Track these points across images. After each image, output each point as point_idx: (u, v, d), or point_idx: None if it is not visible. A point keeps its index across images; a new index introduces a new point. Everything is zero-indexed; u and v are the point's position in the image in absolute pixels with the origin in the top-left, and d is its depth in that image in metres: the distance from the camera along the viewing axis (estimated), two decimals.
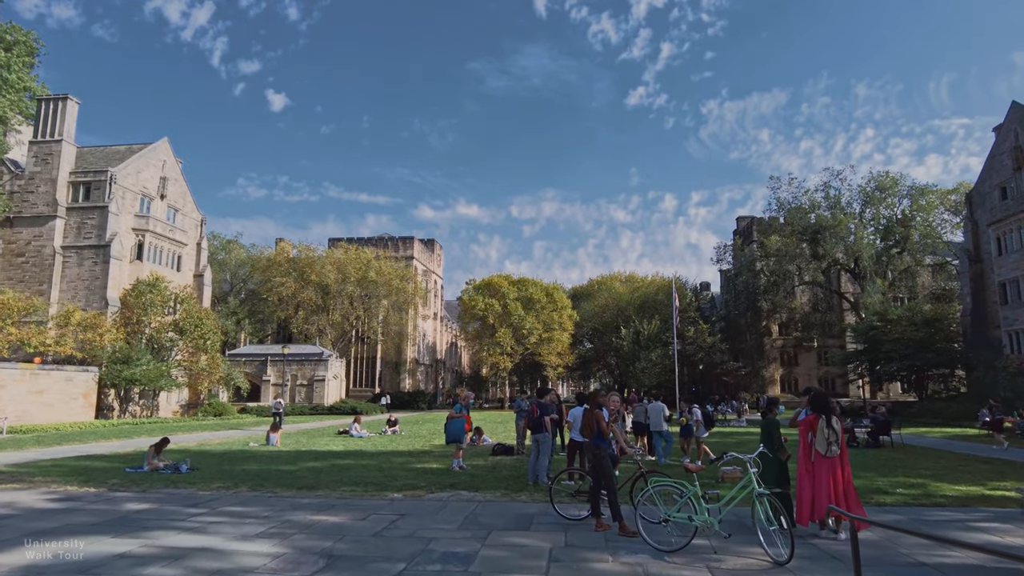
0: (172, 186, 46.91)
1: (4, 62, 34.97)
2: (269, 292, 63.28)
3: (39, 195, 40.24)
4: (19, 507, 10.02)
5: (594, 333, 74.02)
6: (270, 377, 54.69)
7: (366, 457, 18.07)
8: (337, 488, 12.17)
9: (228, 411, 45.07)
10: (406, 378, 74.02)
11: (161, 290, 39.37)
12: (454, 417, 15.10)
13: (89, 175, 40.74)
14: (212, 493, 11.54)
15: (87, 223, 40.03)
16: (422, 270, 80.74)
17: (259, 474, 14.12)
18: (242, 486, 12.35)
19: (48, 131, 40.77)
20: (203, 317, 41.09)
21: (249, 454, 18.75)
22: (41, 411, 29.23)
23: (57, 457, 17.55)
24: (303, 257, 66.09)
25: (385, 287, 66.25)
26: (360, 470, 14.95)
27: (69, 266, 39.53)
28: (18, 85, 36.22)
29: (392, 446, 21.78)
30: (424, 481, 13.15)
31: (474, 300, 63.59)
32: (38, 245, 39.59)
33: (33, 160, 40.75)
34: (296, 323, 63.95)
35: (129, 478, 13.42)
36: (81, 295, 38.85)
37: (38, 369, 29.94)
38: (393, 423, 28.79)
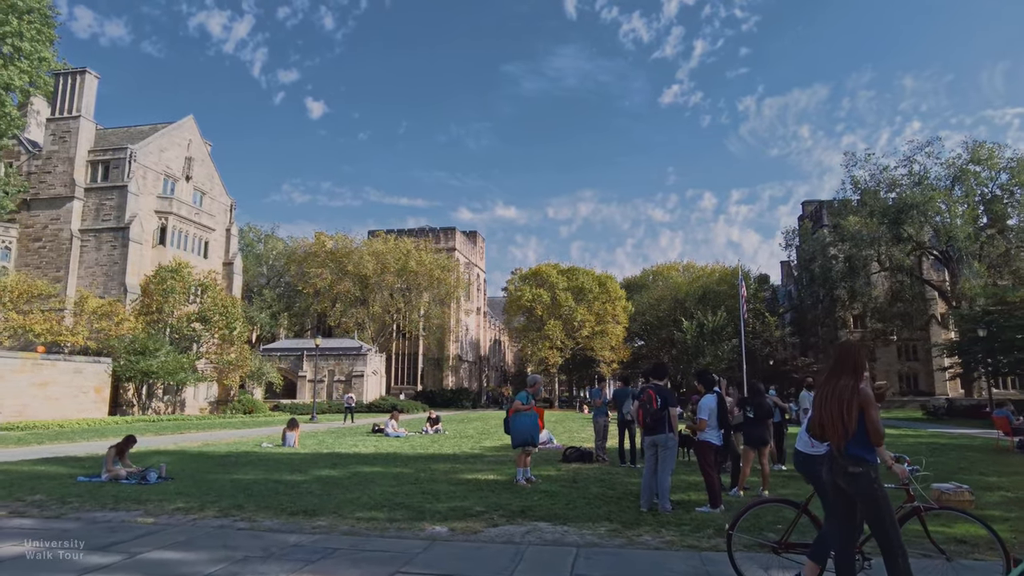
0: (199, 167, 43.96)
1: (16, 30, 32.27)
2: (305, 284, 60.28)
3: (56, 175, 37.60)
4: None
5: (648, 327, 68.93)
6: (306, 373, 51.44)
7: (400, 463, 13.90)
8: (349, 513, 8.00)
9: (259, 408, 41.80)
10: (449, 375, 70.24)
11: (184, 276, 36.25)
12: (520, 410, 10.73)
13: (108, 153, 37.97)
14: (155, 522, 7.46)
15: (105, 204, 37.20)
16: (464, 262, 76.90)
17: (248, 487, 10.04)
18: (210, 508, 8.25)
19: (66, 107, 38.17)
20: (229, 305, 37.81)
21: (254, 457, 14.79)
22: (44, 406, 26.12)
23: (16, 459, 13.90)
24: (341, 248, 62.90)
25: (426, 278, 62.57)
26: (389, 482, 10.76)
27: (87, 250, 36.75)
28: (33, 56, 33.49)
29: (434, 448, 17.62)
30: (479, 502, 8.87)
31: (521, 290, 59.32)
32: (55, 229, 36.92)
33: (51, 138, 38.18)
34: (334, 316, 60.76)
35: (66, 491, 9.50)
36: (99, 281, 35.98)
37: (41, 359, 26.87)
38: (435, 421, 24.73)
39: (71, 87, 38.12)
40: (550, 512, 8.14)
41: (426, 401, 56.20)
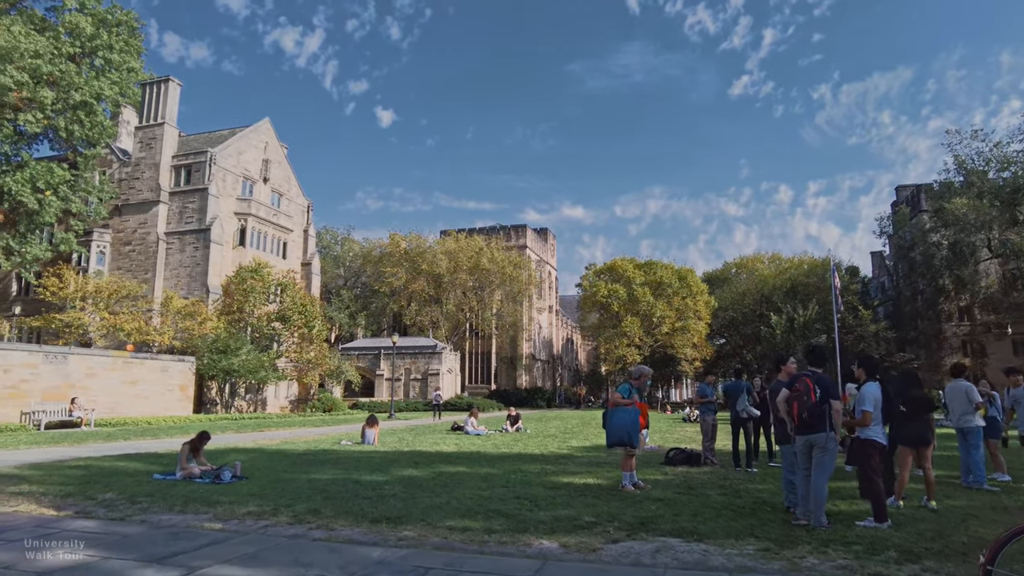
0: (276, 169, 44.67)
1: (106, 42, 33.41)
2: (381, 284, 60.73)
3: (144, 181, 38.90)
4: None
5: (730, 324, 65.64)
6: (383, 371, 51.59)
7: (486, 463, 12.79)
8: (439, 520, 6.88)
9: (338, 406, 41.99)
10: (522, 374, 69.24)
11: (264, 276, 36.68)
12: (619, 404, 9.34)
13: (190, 157, 38.98)
14: (223, 529, 6.55)
15: (188, 207, 38.17)
16: (535, 259, 75.76)
17: (326, 489, 9.13)
18: (284, 513, 7.31)
19: (151, 115, 39.48)
20: (307, 304, 38.05)
21: (333, 456, 14.03)
22: (134, 403, 26.67)
23: (99, 455, 13.66)
24: (415, 248, 63.02)
25: (498, 276, 61.82)
26: (477, 485, 9.63)
27: (172, 252, 37.82)
28: (122, 67, 34.63)
29: (518, 448, 16.44)
30: (586, 511, 7.59)
31: (596, 286, 57.55)
32: (143, 232, 38.17)
33: (138, 146, 39.57)
34: (409, 314, 60.90)
35: (138, 490, 8.84)
36: (183, 282, 36.93)
37: (131, 357, 27.48)
38: (515, 419, 23.59)
39: (156, 95, 39.38)
40: (676, 525, 6.76)
41: (500, 400, 55.38)
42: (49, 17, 33.20)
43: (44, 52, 29.03)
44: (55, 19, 32.96)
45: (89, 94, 30.91)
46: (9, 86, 27.45)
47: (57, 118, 30.60)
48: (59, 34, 31.69)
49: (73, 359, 24.80)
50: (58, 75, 29.95)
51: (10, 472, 10.74)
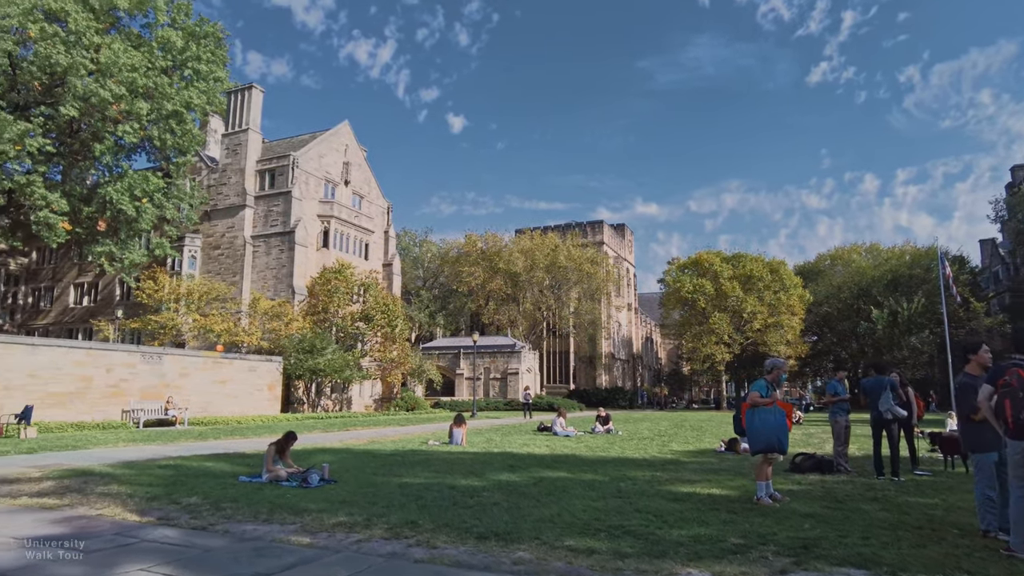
0: (356, 172, 45.16)
1: (195, 54, 34.49)
2: (459, 283, 60.71)
3: (231, 186, 40.07)
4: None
5: (825, 319, 61.65)
6: (463, 371, 51.36)
7: (586, 467, 11.70)
8: (555, 539, 5.86)
9: (421, 405, 41.92)
10: (601, 374, 67.59)
11: (347, 277, 36.97)
12: (759, 404, 8.03)
13: (273, 162, 39.84)
14: (311, 543, 5.76)
15: (273, 211, 39.01)
16: (613, 256, 73.89)
17: (420, 495, 8.28)
18: (378, 525, 6.46)
19: (237, 122, 40.61)
20: (390, 304, 38.09)
21: (422, 457, 13.29)
22: (225, 402, 27.18)
23: (189, 454, 13.47)
24: (491, 247, 62.65)
25: (575, 273, 60.54)
26: (585, 494, 8.56)
27: (258, 255, 38.73)
28: (209, 76, 35.71)
29: (614, 451, 15.24)
30: (727, 529, 6.38)
31: (680, 281, 55.22)
32: (231, 236, 39.29)
33: (225, 152, 40.81)
34: (487, 313, 60.56)
35: (223, 493, 8.28)
36: (270, 284, 37.73)
37: (220, 357, 28.02)
38: (605, 420, 22.36)
39: (241, 103, 40.52)
40: (850, 551, 5.46)
41: (580, 400, 54.11)
42: (144, 34, 34.59)
43: (140, 66, 30.15)
44: (149, 35, 34.28)
45: (180, 104, 31.93)
46: (110, 100, 28.62)
47: (151, 128, 31.77)
48: (153, 49, 32.91)
49: (168, 359, 25.45)
50: (152, 87, 31.05)
51: (103, 471, 10.53)
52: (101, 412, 22.24)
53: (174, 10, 34.44)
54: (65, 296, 42.91)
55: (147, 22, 34.83)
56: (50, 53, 26.97)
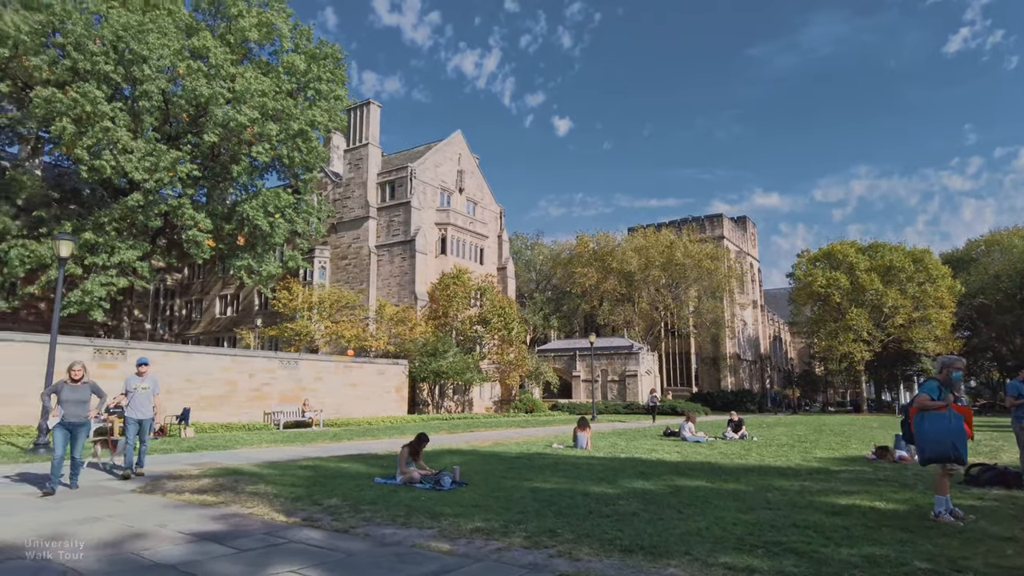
0: (469, 179, 46.07)
1: (316, 75, 36.52)
2: (572, 284, 60.30)
3: (354, 199, 42.10)
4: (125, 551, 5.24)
5: (980, 312, 55.40)
6: (579, 373, 50.91)
7: (725, 476, 10.94)
8: (708, 555, 5.36)
9: (539, 407, 41.95)
10: (727, 375, 64.56)
11: (464, 282, 37.73)
12: (929, 408, 7.03)
13: (392, 174, 41.44)
14: (451, 550, 5.61)
15: (394, 221, 40.56)
16: (734, 250, 70.52)
17: (553, 501, 8.00)
18: (516, 533, 6.23)
19: (357, 138, 42.64)
20: (506, 307, 38.45)
21: (549, 461, 13.03)
22: (356, 404, 28.44)
23: (326, 455, 14.03)
24: (603, 247, 61.75)
25: (694, 270, 58.27)
26: (730, 504, 7.91)
27: (382, 263, 40.41)
28: (330, 95, 37.69)
29: (752, 458, 14.26)
30: (906, 550, 5.61)
31: (811, 275, 51.67)
32: (357, 246, 41.26)
33: (348, 167, 42.95)
34: (602, 315, 59.68)
35: (361, 495, 8.42)
36: (394, 291, 39.23)
37: (351, 361, 29.38)
38: (737, 425, 21.10)
39: (360, 119, 42.56)
40: None
41: (703, 403, 51.90)
42: (271, 60, 37.08)
43: (269, 91, 32.29)
44: (276, 61, 36.70)
45: (305, 123, 33.86)
46: (245, 124, 30.87)
47: (281, 147, 33.90)
48: (279, 74, 35.18)
49: (303, 364, 27.00)
50: (280, 109, 33.16)
51: (252, 471, 11.11)
52: (246, 414, 23.92)
53: (297, 36, 36.64)
54: (212, 307, 46.94)
55: (274, 49, 37.31)
56: (195, 86, 29.49)
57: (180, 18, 32.47)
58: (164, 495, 8.45)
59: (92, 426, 10.87)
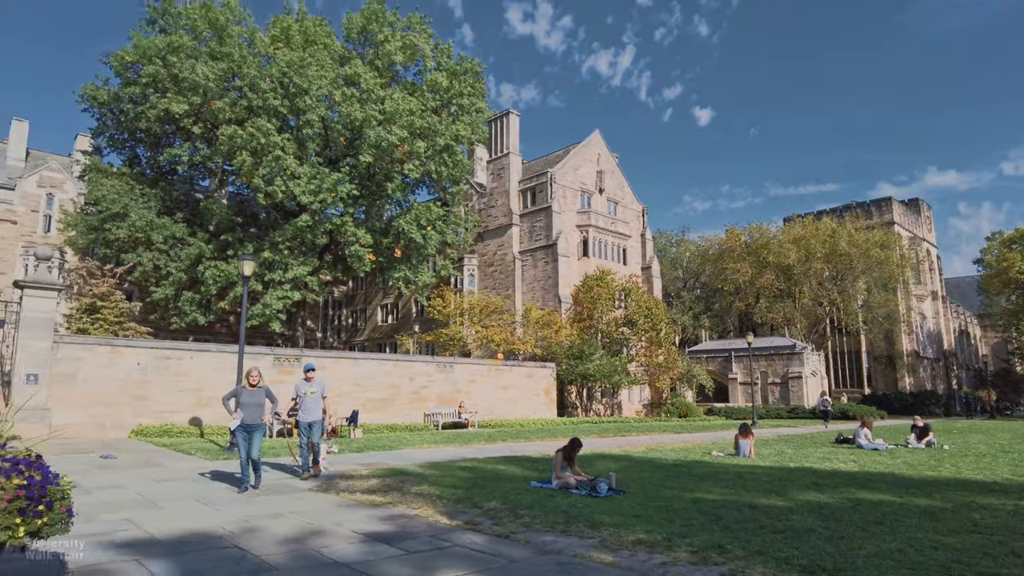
0: (609, 179, 45.59)
1: (458, 91, 37.98)
2: (723, 281, 57.48)
3: (498, 208, 43.20)
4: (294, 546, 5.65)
5: None
6: (736, 375, 48.42)
7: (914, 489, 9.77)
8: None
9: (693, 411, 40.40)
10: (904, 375, 58.22)
11: (608, 283, 37.33)
12: None
13: (533, 180, 42.01)
14: (614, 562, 5.44)
15: (536, 226, 41.09)
16: (907, 236, 63.52)
17: (719, 514, 7.55)
18: (680, 547, 5.93)
19: (498, 148, 43.76)
20: (652, 307, 37.49)
21: (709, 469, 12.42)
22: (507, 406, 29.08)
23: (483, 456, 14.40)
24: (756, 240, 58.30)
25: (861, 260, 53.23)
26: (927, 526, 7.02)
27: (526, 268, 41.07)
28: (471, 109, 39.03)
29: (946, 470, 12.66)
30: None
31: (1006, 260, 45.37)
32: (502, 253, 42.29)
33: (490, 177, 44.18)
34: (758, 312, 56.30)
35: (519, 499, 8.49)
36: (538, 294, 39.71)
37: (501, 365, 30.09)
38: (923, 431, 18.92)
39: (500, 129, 43.68)
40: None
41: (878, 406, 47.20)
42: (416, 80, 39.11)
43: (416, 110, 34.07)
44: (420, 80, 38.64)
45: (450, 138, 35.30)
46: (395, 143, 32.82)
47: (429, 163, 35.62)
48: (424, 92, 37.02)
49: (458, 367, 28.10)
50: (426, 127, 34.86)
51: (416, 471, 11.65)
52: (407, 415, 25.30)
53: (438, 54, 38.32)
54: (374, 316, 50.32)
55: (418, 70, 39.33)
56: (350, 112, 31.83)
57: (334, 50, 35.16)
58: (338, 494, 9.06)
59: (267, 428, 11.75)
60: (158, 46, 30.82)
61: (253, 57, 31.58)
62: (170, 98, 30.04)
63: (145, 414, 19.15)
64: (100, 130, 34.99)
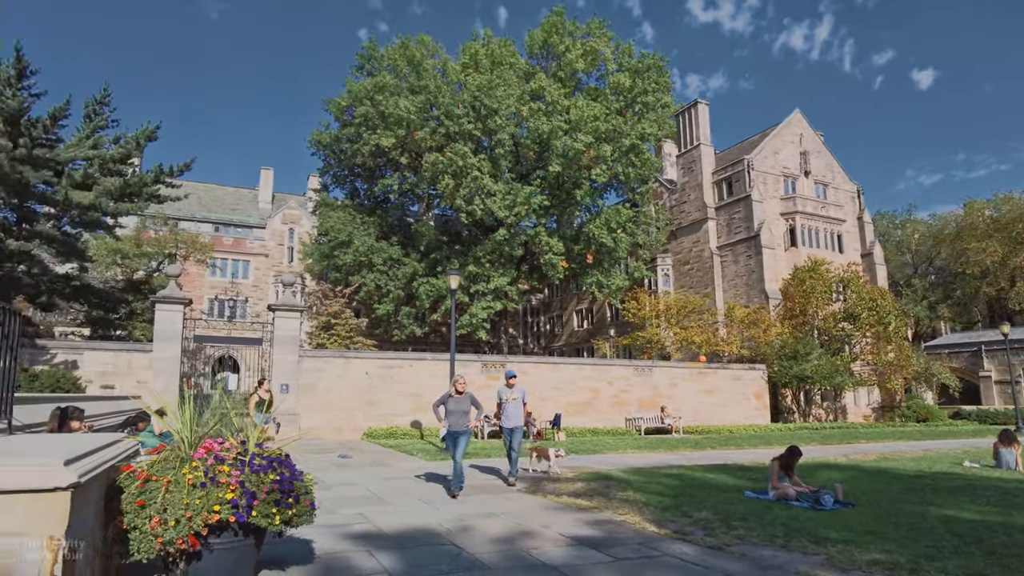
0: (814, 160, 41.66)
1: (641, 89, 37.40)
2: (965, 264, 49.47)
3: (690, 203, 41.57)
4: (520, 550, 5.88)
5: None
6: (990, 372, 41.35)
7: None
8: None
9: (935, 415, 35.18)
10: None
11: (822, 274, 34.06)
12: None
13: (728, 170, 39.79)
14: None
15: (734, 218, 38.80)
16: None
17: (976, 534, 6.48)
18: (928, 570, 5.21)
19: (687, 141, 42.16)
20: (877, 299, 33.44)
21: (962, 483, 10.73)
22: (712, 411, 27.73)
23: (689, 463, 13.89)
24: (1005, 213, 49.37)
25: None
26: None
27: (726, 264, 38.93)
28: (656, 105, 38.18)
29: None
30: None
31: None
32: (697, 250, 40.58)
33: (681, 172, 42.68)
34: (1014, 298, 47.58)
35: (731, 510, 8.04)
36: (741, 291, 37.40)
37: (704, 367, 28.81)
38: None
39: (688, 121, 42.07)
40: None
41: None
42: (599, 85, 39.23)
43: (600, 115, 34.17)
44: (603, 84, 38.69)
45: (635, 138, 34.83)
46: (582, 150, 33.19)
47: (615, 166, 35.45)
48: (607, 96, 37.00)
49: (657, 371, 27.47)
50: (611, 129, 34.77)
51: (619, 476, 11.58)
52: (608, 420, 25.28)
53: (619, 55, 38.04)
54: (570, 321, 51.12)
55: (600, 74, 39.42)
56: (537, 125, 32.85)
57: (519, 67, 36.54)
58: (545, 496, 9.29)
59: (472, 434, 11.12)
60: (367, 88, 34.50)
61: (447, 86, 33.97)
62: (379, 133, 33.40)
63: (373, 418, 21.38)
64: (325, 169, 40.07)
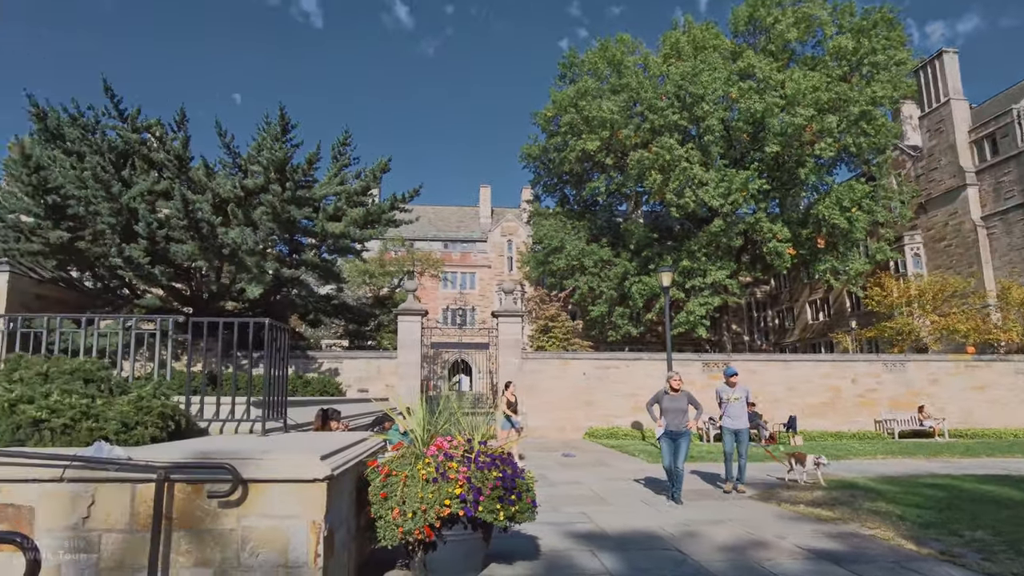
0: None
1: (868, 48, 33.31)
2: None
3: (941, 169, 35.69)
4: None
5: None
6: None
7: None
8: None
9: None
10: None
11: None
12: None
13: (989, 125, 33.39)
14: None
15: (1003, 181, 32.42)
16: None
17: None
18: None
19: (931, 99, 36.30)
20: None
21: None
22: (986, 411, 23.41)
23: (957, 472, 12.00)
24: None
25: None
26: None
27: (995, 237, 32.66)
28: (889, 64, 33.68)
29: None
30: None
31: None
32: (955, 223, 34.67)
33: (926, 135, 36.88)
34: None
35: (1015, 532, 6.81)
36: (1018, 268, 31.10)
37: (972, 360, 24.45)
38: None
39: (932, 77, 36.21)
40: None
41: None
42: (816, 53, 35.68)
43: (820, 85, 31.05)
44: (821, 51, 35.12)
45: (865, 103, 31.01)
46: (802, 124, 30.45)
47: (844, 137, 31.88)
48: (827, 63, 33.49)
49: (910, 366, 24.03)
50: (835, 98, 31.38)
51: (868, 485, 10.43)
52: (852, 422, 22.72)
53: (838, 16, 34.21)
54: (803, 314, 46.84)
55: (816, 41, 35.81)
56: (749, 105, 30.80)
57: (724, 49, 34.72)
58: (779, 504, 8.68)
59: (691, 435, 9.87)
60: (569, 96, 35.29)
61: (648, 80, 33.45)
62: (584, 138, 33.92)
63: (592, 418, 21.73)
64: (536, 180, 41.78)
